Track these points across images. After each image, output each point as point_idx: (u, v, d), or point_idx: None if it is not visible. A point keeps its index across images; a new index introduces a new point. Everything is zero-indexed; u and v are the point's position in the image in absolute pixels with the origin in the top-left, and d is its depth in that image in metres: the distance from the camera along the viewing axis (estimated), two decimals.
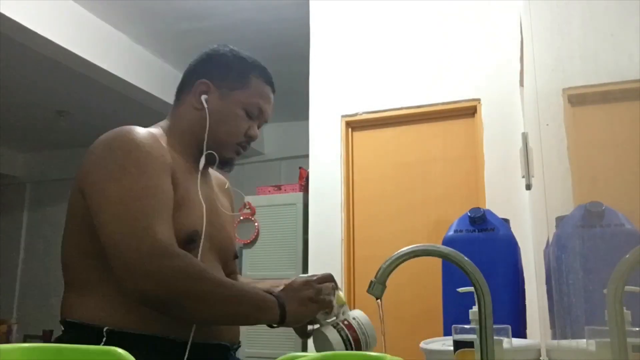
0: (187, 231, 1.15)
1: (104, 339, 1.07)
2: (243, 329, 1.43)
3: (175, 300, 1.06)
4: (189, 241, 1.15)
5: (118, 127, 1.18)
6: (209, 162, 1.29)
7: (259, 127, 1.35)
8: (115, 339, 1.07)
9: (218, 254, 1.28)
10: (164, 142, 1.23)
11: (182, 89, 1.33)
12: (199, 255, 1.16)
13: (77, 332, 1.11)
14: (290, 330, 1.22)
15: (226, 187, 1.46)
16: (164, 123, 1.32)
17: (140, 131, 1.18)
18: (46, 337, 5.53)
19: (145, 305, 1.07)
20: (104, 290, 1.12)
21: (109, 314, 1.10)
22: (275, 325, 1.18)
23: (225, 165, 1.32)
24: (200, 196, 1.21)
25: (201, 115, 1.26)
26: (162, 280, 1.04)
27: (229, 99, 1.28)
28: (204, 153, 1.26)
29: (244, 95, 1.29)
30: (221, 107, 1.28)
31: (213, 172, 1.43)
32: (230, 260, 1.37)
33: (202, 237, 1.17)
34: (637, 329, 0.74)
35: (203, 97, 1.27)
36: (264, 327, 1.19)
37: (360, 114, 3.29)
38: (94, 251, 1.11)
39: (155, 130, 1.26)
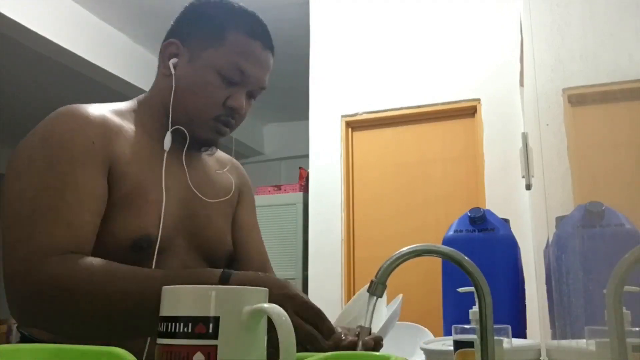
0: (132, 237, 0.93)
1: None
2: None
3: (49, 321, 0.86)
4: (136, 249, 0.94)
5: (64, 105, 0.99)
6: (178, 142, 1.04)
7: (252, 97, 1.08)
8: None
9: (202, 255, 1.07)
10: (131, 119, 1.03)
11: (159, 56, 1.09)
12: (153, 265, 0.94)
13: None
14: None
15: (226, 169, 1.18)
16: (142, 95, 1.11)
17: (79, 112, 0.97)
18: None
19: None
20: None
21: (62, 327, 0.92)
22: None
23: (202, 146, 1.08)
24: (164, 187, 0.98)
25: (170, 84, 1.03)
26: (28, 297, 0.84)
27: (199, 62, 1.03)
28: (169, 130, 1.02)
29: (216, 55, 1.02)
30: (189, 72, 1.03)
31: (218, 152, 1.19)
32: (220, 262, 1.09)
33: (158, 242, 0.95)
34: (637, 329, 0.74)
35: (172, 61, 1.04)
36: None
37: (360, 114, 3.29)
38: None
39: (125, 105, 1.07)
